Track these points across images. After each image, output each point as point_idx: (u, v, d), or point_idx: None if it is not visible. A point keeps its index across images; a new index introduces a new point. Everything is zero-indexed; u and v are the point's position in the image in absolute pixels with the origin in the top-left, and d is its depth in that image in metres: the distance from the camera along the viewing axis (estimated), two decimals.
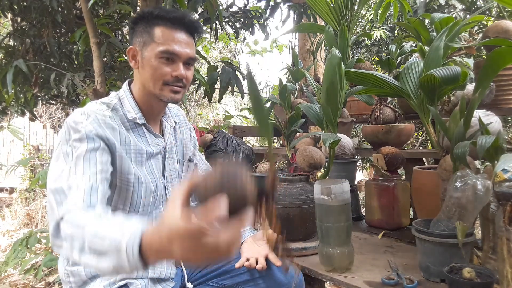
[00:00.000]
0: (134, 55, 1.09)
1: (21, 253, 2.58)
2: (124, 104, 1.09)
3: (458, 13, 3.76)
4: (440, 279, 1.02)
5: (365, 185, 1.62)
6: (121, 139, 1.03)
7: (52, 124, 7.83)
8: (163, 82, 1.06)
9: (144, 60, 1.07)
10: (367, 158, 4.70)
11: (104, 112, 1.03)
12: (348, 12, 1.58)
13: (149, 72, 1.06)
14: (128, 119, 1.08)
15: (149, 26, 1.07)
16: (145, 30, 1.07)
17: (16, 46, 2.76)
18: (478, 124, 1.12)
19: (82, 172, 0.89)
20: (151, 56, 1.05)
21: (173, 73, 1.06)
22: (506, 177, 0.98)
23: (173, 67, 1.06)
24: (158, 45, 1.05)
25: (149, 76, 1.06)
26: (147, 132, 1.12)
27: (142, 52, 1.07)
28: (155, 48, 1.05)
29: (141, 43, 1.07)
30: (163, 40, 1.05)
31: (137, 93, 1.11)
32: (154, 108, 1.13)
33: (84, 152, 0.92)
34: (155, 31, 1.05)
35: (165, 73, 1.06)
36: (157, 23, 1.06)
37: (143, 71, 1.08)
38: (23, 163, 3.59)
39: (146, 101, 1.11)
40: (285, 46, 5.97)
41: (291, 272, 1.14)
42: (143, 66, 1.07)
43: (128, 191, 1.05)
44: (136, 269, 0.65)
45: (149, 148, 1.11)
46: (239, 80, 2.54)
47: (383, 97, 1.87)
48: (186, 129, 1.32)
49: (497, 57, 0.97)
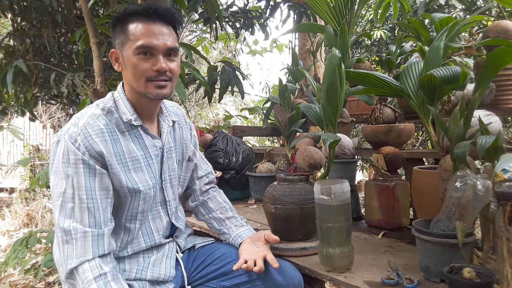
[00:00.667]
0: (117, 58, 1.09)
1: (21, 253, 2.58)
2: (119, 106, 1.08)
3: (458, 13, 3.76)
4: (440, 279, 1.02)
5: (365, 185, 1.62)
6: (114, 151, 1.03)
7: (52, 124, 7.83)
8: (146, 78, 1.04)
9: (125, 60, 1.05)
10: (367, 158, 4.70)
11: (98, 122, 1.03)
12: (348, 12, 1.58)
13: (131, 71, 1.04)
14: (124, 121, 1.07)
15: (123, 25, 1.05)
16: (120, 30, 1.06)
17: (16, 46, 2.76)
18: (478, 124, 1.12)
19: (87, 209, 0.97)
20: (129, 54, 1.03)
21: (153, 68, 1.03)
22: (506, 177, 0.98)
23: (153, 61, 1.03)
24: (133, 42, 1.02)
25: (131, 76, 1.05)
26: (143, 133, 1.11)
27: (122, 52, 1.06)
28: (131, 45, 1.03)
29: (119, 44, 1.06)
30: (138, 35, 1.02)
31: (128, 95, 1.10)
32: (145, 108, 1.12)
33: (83, 181, 0.98)
34: (129, 28, 1.04)
35: (145, 69, 1.03)
36: (130, 20, 1.04)
37: (126, 71, 1.07)
38: (23, 163, 3.59)
39: (137, 101, 1.10)
40: (285, 46, 5.98)
41: (289, 274, 1.14)
42: (125, 67, 1.06)
43: (127, 200, 1.07)
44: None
45: (146, 151, 1.11)
46: (239, 80, 2.54)
47: (383, 97, 1.87)
48: (186, 128, 1.31)
49: (497, 57, 0.97)
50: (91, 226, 0.97)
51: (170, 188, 1.19)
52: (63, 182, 0.98)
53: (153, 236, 1.14)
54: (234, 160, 2.25)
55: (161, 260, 1.14)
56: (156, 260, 1.12)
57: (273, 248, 1.31)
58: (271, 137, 5.12)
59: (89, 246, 0.96)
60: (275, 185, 1.41)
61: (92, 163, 0.99)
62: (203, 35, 5.55)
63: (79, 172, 0.98)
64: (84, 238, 0.96)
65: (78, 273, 0.95)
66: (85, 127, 1.01)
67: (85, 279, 0.93)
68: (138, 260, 1.09)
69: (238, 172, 2.25)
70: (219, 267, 1.19)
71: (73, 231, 0.96)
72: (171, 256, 1.18)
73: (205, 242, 1.30)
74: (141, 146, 1.10)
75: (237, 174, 2.25)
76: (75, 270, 0.95)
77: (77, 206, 0.97)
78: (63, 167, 0.98)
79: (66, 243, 0.96)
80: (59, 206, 0.97)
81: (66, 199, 0.97)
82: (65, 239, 0.96)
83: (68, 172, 0.98)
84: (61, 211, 0.97)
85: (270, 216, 1.38)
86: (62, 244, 0.97)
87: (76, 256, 0.95)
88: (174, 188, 1.22)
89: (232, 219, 1.32)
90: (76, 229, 0.96)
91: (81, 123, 1.02)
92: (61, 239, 0.97)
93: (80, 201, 0.97)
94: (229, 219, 1.31)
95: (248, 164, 2.28)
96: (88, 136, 1.00)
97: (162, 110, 1.21)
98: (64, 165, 0.98)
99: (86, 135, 1.00)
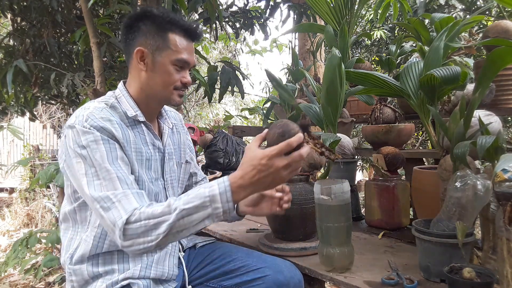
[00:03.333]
0: (143, 57, 1.08)
1: (21, 253, 2.58)
2: (121, 102, 1.09)
3: (458, 13, 3.76)
4: (440, 279, 1.02)
5: (365, 185, 1.62)
6: (123, 135, 1.03)
7: (52, 124, 7.83)
8: (174, 87, 1.10)
9: (157, 65, 1.07)
10: (367, 158, 4.70)
11: (103, 110, 1.03)
12: (348, 12, 1.58)
13: (161, 77, 1.08)
14: (128, 116, 1.08)
15: (162, 31, 1.07)
16: (157, 34, 1.07)
17: (16, 46, 2.76)
18: (478, 124, 1.12)
19: (117, 179, 0.95)
20: (166, 62, 1.07)
21: (182, 80, 1.10)
22: (506, 177, 0.98)
23: (182, 73, 1.11)
24: (174, 52, 1.07)
25: (160, 81, 1.08)
26: (146, 130, 1.12)
27: (154, 56, 1.07)
28: (171, 55, 1.07)
29: (153, 46, 1.07)
30: (180, 49, 1.08)
31: (135, 93, 1.11)
32: (151, 108, 1.14)
33: (106, 155, 0.96)
34: (170, 37, 1.07)
35: (176, 79, 1.09)
36: (171, 29, 1.07)
37: (153, 74, 1.08)
38: (23, 163, 3.59)
39: (144, 101, 1.12)
40: (285, 46, 5.99)
41: (289, 273, 1.14)
42: (154, 70, 1.08)
43: None
44: (228, 210, 0.90)
45: (147, 148, 1.11)
46: (239, 80, 2.54)
47: (383, 97, 1.87)
48: (183, 133, 1.33)
49: (497, 57, 0.97)
50: (128, 189, 0.95)
51: (171, 189, 1.20)
52: (80, 166, 0.95)
53: None
54: (234, 160, 2.25)
55: (164, 258, 1.14)
56: (160, 258, 1.12)
57: (273, 248, 1.31)
58: None
59: (133, 200, 0.92)
60: None
61: (110, 139, 0.98)
62: (203, 35, 5.55)
63: (100, 148, 0.95)
64: (125, 196, 0.93)
65: (134, 219, 0.89)
66: (93, 115, 0.99)
67: (145, 215, 0.89)
68: (142, 258, 1.09)
69: None
70: (219, 266, 1.19)
71: (112, 196, 0.92)
72: (174, 254, 1.18)
73: (206, 241, 1.30)
74: (144, 142, 1.10)
75: None
76: (128, 222, 0.89)
77: (105, 180, 0.94)
78: (76, 152, 0.96)
79: (108, 209, 0.91)
80: (86, 185, 0.94)
81: (91, 178, 0.94)
82: (106, 206, 0.92)
83: (84, 153, 0.95)
84: (90, 188, 0.94)
85: (270, 216, 1.38)
86: (105, 212, 0.91)
87: (124, 211, 0.90)
88: (174, 189, 1.22)
89: None
90: (114, 193, 0.93)
91: (87, 112, 1.00)
92: (101, 209, 0.92)
93: (107, 173, 0.94)
94: None
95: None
96: (98, 121, 0.98)
97: (161, 113, 1.22)
98: (78, 149, 0.96)
99: (96, 121, 0.98)
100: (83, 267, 1.02)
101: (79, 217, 1.06)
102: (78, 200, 1.05)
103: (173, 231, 0.89)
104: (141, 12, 1.10)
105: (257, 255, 1.21)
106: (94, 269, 1.03)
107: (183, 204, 0.89)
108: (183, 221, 0.89)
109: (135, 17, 1.09)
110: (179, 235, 0.91)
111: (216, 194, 0.89)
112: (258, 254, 1.22)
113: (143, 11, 1.10)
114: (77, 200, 1.05)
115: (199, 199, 0.89)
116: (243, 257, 1.19)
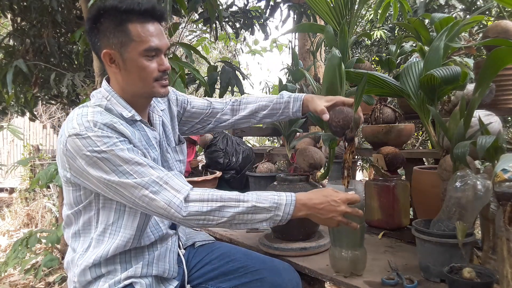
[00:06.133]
0: (112, 58, 1.02)
1: (21, 253, 2.58)
2: (113, 104, 1.05)
3: (458, 13, 3.76)
4: (440, 279, 1.02)
5: (365, 185, 1.62)
6: (132, 134, 1.02)
7: (52, 124, 7.83)
8: (153, 79, 1.04)
9: (127, 62, 1.01)
10: (367, 158, 4.70)
11: (103, 113, 1.00)
12: (348, 12, 1.57)
13: (136, 73, 1.02)
14: (125, 117, 1.05)
15: (120, 25, 0.99)
16: (116, 30, 1.00)
17: (16, 46, 2.76)
18: (478, 124, 1.11)
19: (150, 167, 0.96)
20: (135, 56, 1.01)
21: (160, 68, 1.04)
22: (506, 177, 0.98)
23: (157, 61, 1.03)
24: (139, 43, 1.00)
25: (137, 78, 1.03)
26: (145, 127, 1.11)
27: (122, 54, 1.01)
28: (137, 47, 1.00)
29: (117, 44, 1.00)
30: (144, 37, 1.00)
31: (121, 93, 1.07)
32: (141, 104, 1.11)
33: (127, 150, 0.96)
34: (131, 29, 0.99)
35: (153, 70, 1.03)
36: (129, 19, 0.99)
37: (127, 73, 1.03)
38: (23, 163, 3.59)
39: (132, 99, 1.08)
40: (285, 46, 5.98)
41: (287, 275, 1.14)
42: (127, 68, 1.02)
43: None
44: (285, 221, 0.99)
45: (150, 143, 1.11)
46: (239, 80, 2.54)
47: (383, 97, 1.87)
48: (172, 102, 1.28)
49: (497, 57, 0.97)
50: (167, 173, 0.97)
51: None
52: (105, 169, 0.94)
53: (159, 227, 1.13)
54: (234, 160, 2.25)
55: (165, 254, 1.13)
56: (160, 255, 1.12)
57: (273, 248, 1.31)
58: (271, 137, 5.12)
59: (178, 182, 0.96)
60: (275, 185, 1.41)
61: (125, 138, 0.98)
62: (203, 35, 5.55)
63: (120, 147, 0.95)
64: (170, 178, 0.95)
65: (194, 198, 0.95)
66: (98, 119, 0.97)
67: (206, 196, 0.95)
68: (144, 255, 1.08)
69: (238, 172, 2.25)
70: (218, 266, 1.19)
71: (158, 179, 0.94)
72: (174, 250, 1.18)
73: (205, 241, 1.30)
74: (147, 139, 1.10)
75: (237, 174, 2.25)
76: (187, 200, 0.94)
77: (139, 171, 0.94)
78: (95, 157, 0.94)
79: (158, 192, 0.93)
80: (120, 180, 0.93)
81: (123, 175, 0.93)
82: (155, 190, 0.93)
83: (106, 157, 0.93)
84: (128, 180, 0.93)
85: None
86: (156, 195, 0.93)
87: (176, 191, 0.94)
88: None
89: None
90: (159, 176, 0.94)
91: (89, 118, 0.97)
92: (151, 193, 0.93)
93: (140, 165, 0.94)
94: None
95: (248, 164, 2.28)
96: (107, 124, 0.97)
97: (151, 104, 1.18)
98: (98, 154, 0.93)
99: (105, 124, 0.97)
100: (86, 269, 1.03)
101: (82, 221, 1.05)
102: (79, 204, 1.04)
103: (234, 221, 0.97)
104: (95, 12, 1.02)
105: (256, 256, 1.21)
106: (96, 269, 1.03)
107: (256, 201, 0.96)
108: (247, 216, 0.96)
109: (92, 20, 1.03)
110: (235, 226, 0.98)
111: (283, 204, 0.98)
112: (257, 255, 1.22)
113: (96, 10, 1.02)
114: (79, 204, 1.04)
115: (269, 203, 0.97)
116: (242, 258, 1.19)
